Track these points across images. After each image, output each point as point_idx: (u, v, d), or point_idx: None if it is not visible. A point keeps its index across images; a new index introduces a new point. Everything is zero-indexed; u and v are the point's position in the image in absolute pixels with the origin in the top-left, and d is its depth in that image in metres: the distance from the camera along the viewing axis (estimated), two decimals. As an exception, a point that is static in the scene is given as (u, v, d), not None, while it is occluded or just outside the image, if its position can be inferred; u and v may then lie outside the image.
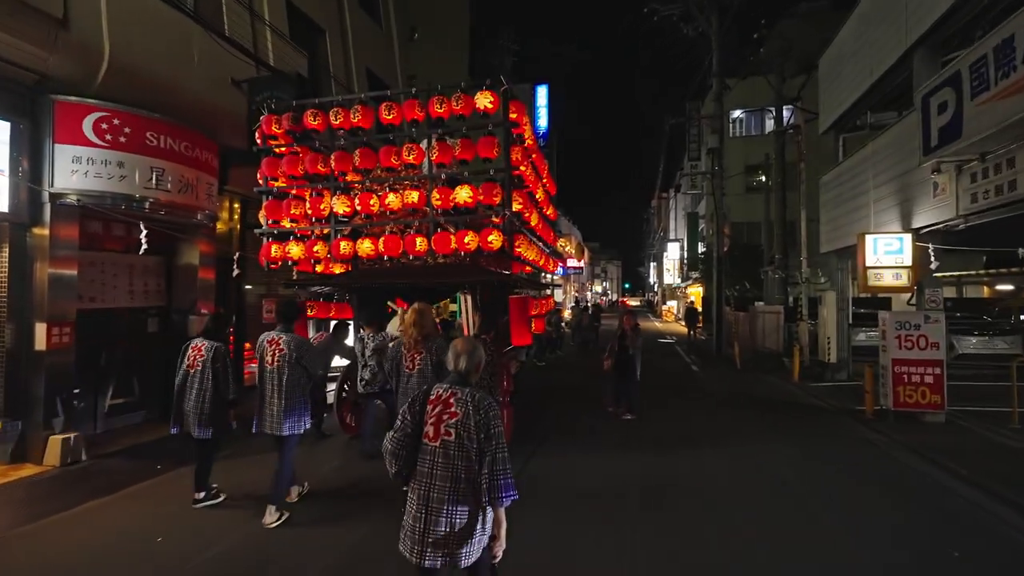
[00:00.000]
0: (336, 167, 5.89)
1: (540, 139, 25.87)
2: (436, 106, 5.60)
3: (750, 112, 25.34)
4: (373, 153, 5.83)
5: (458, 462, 2.05)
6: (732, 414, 7.76)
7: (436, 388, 2.19)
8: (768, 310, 13.93)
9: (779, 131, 13.30)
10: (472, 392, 2.14)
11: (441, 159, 5.64)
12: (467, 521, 2.04)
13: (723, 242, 15.10)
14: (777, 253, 13.68)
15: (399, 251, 5.67)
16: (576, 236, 42.49)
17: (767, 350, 13.42)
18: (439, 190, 5.57)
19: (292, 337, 3.96)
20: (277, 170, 6.05)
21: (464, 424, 2.06)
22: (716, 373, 11.93)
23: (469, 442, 2.04)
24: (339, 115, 5.91)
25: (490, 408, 2.09)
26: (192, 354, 4.06)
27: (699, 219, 28.11)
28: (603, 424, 7.04)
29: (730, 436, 6.50)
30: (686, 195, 32.72)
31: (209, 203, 6.36)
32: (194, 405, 3.96)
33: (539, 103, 25.15)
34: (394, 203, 5.76)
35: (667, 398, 8.82)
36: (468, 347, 2.26)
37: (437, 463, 2.06)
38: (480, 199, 5.46)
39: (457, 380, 2.20)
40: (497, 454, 2.04)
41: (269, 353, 3.88)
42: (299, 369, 3.90)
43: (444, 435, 2.07)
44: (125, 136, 5.39)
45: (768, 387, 10.22)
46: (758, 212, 24.33)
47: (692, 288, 30.60)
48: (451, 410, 2.09)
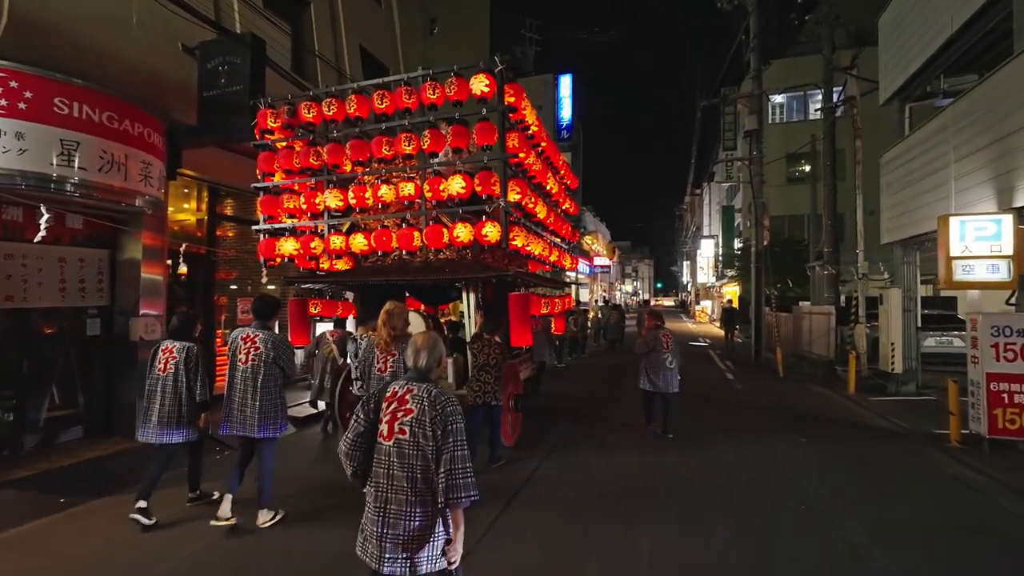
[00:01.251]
0: (328, 160, 5.60)
1: (563, 131, 24.80)
2: (429, 92, 5.20)
3: (791, 96, 23.39)
4: (366, 144, 5.49)
5: (414, 461, 1.97)
6: (780, 436, 6.40)
7: (392, 385, 2.11)
8: (816, 311, 12.29)
9: (829, 107, 11.64)
10: (430, 388, 2.05)
11: (434, 148, 5.26)
12: (426, 524, 1.96)
13: (762, 235, 13.47)
14: (826, 246, 12.02)
15: (391, 246, 5.35)
16: (604, 233, 41.00)
17: (814, 356, 11.82)
18: (431, 181, 5.13)
19: (269, 335, 3.79)
20: (273, 164, 5.86)
21: (419, 421, 1.98)
22: (756, 382, 10.47)
23: (424, 440, 1.96)
24: (332, 106, 5.60)
25: (448, 403, 2.01)
26: (163, 356, 3.88)
27: (735, 213, 26.23)
28: (618, 438, 6.13)
29: (781, 470, 5.25)
30: (721, 187, 30.79)
31: (149, 187, 5.43)
32: (170, 409, 3.78)
33: (562, 93, 24.12)
34: (387, 196, 5.39)
35: (698, 414, 7.45)
36: (428, 342, 2.16)
37: (392, 463, 1.99)
38: (477, 189, 4.97)
39: (416, 376, 2.11)
40: (456, 452, 1.94)
41: (243, 351, 3.72)
42: (275, 369, 3.76)
43: (398, 433, 2.00)
44: (25, 102, 4.48)
45: (819, 401, 8.74)
46: (801, 204, 22.38)
47: (727, 287, 28.68)
48: (406, 407, 2.02)
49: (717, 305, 33.50)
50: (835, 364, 10.48)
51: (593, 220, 36.81)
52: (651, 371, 6.13)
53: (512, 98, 5.14)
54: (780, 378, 10.88)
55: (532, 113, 5.77)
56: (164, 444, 3.81)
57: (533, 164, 5.88)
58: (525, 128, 5.62)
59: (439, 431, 1.95)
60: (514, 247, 5.21)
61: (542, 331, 8.20)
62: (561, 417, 7.44)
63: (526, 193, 5.51)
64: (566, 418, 7.41)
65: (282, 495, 4.09)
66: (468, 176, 5.02)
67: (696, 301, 40.49)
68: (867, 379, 9.39)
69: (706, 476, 5.06)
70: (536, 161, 6.01)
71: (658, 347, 6.14)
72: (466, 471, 1.94)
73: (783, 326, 13.88)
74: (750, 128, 13.39)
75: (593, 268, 33.13)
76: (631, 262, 75.20)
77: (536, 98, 25.73)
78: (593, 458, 5.56)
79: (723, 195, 31.50)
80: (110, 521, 3.86)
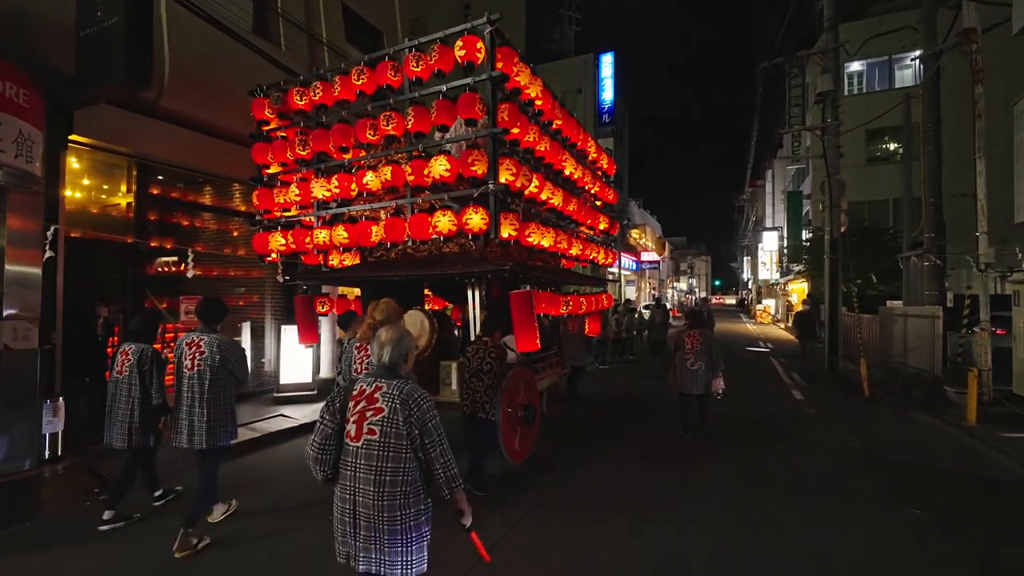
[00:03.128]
0: (314, 147, 5.27)
1: (604, 115, 22.73)
2: (412, 64, 4.69)
3: (872, 63, 20.24)
4: (350, 128, 5.09)
5: (383, 463, 1.90)
6: (879, 506, 4.26)
7: (360, 383, 2.02)
8: (914, 312, 9.77)
9: (933, 52, 9.11)
10: (401, 385, 1.97)
11: (419, 127, 4.71)
12: (396, 527, 1.89)
13: (839, 220, 11.01)
14: (927, 231, 9.50)
15: (369, 238, 5.05)
16: (654, 227, 38.26)
17: (910, 369, 9.37)
18: (414, 164, 4.68)
19: (215, 338, 3.62)
20: (267, 156, 5.66)
21: (391, 421, 1.91)
22: (833, 404, 8.18)
23: (397, 440, 1.91)
24: (318, 90, 5.29)
25: (422, 400, 1.95)
26: (120, 359, 3.84)
27: (803, 199, 23.09)
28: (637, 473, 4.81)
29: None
30: (786, 171, 27.56)
31: (9, 157, 4.22)
32: (124, 414, 3.75)
33: (603, 74, 22.31)
34: (372, 183, 4.92)
35: (754, 460, 5.41)
36: (392, 335, 2.06)
37: (359, 465, 1.92)
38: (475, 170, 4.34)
39: (383, 372, 2.03)
40: (441, 446, 1.95)
41: (188, 357, 3.58)
42: (224, 373, 3.60)
43: (367, 434, 1.92)
44: None
45: (928, 436, 6.47)
46: (883, 188, 19.25)
47: (794, 284, 25.53)
48: (375, 406, 1.94)
49: (781, 304, 30.18)
50: (943, 382, 8.05)
51: (640, 212, 34.29)
52: (676, 370, 6.09)
53: (502, 63, 4.50)
54: (865, 398, 8.58)
55: (537, 85, 5.01)
56: (130, 448, 3.77)
57: (537, 143, 5.07)
58: (529, 103, 5.01)
59: (416, 431, 1.90)
60: (510, 237, 4.50)
61: (576, 332, 7.66)
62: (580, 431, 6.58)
63: (521, 175, 4.65)
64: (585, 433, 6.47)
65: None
66: (453, 157, 4.44)
67: (757, 300, 36.98)
68: (993, 405, 7.00)
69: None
70: (543, 140, 5.20)
71: (681, 347, 6.07)
72: (452, 463, 1.98)
73: (867, 330, 11.35)
74: (824, 90, 10.94)
75: (640, 264, 30.70)
76: (686, 258, 71.92)
77: (575, 80, 23.93)
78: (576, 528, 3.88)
79: (788, 181, 28.22)
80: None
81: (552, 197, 5.43)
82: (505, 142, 4.67)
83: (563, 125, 5.89)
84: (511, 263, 4.61)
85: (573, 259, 6.59)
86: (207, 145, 6.64)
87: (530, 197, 5.11)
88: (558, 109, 5.70)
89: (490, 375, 4.44)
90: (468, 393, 4.50)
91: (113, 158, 5.98)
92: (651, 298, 34.36)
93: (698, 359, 5.92)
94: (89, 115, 5.17)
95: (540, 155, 5.24)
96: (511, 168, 4.50)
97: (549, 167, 5.59)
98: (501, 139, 4.55)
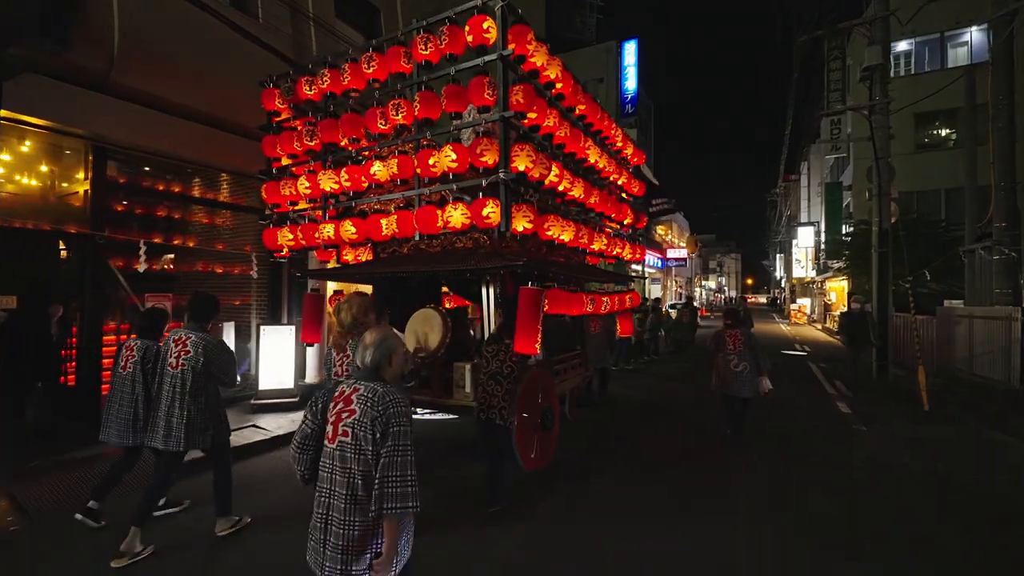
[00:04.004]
0: (323, 138, 5.08)
1: (627, 104, 21.64)
2: (420, 47, 4.42)
3: (922, 41, 18.65)
4: (359, 118, 4.85)
5: (354, 466, 1.86)
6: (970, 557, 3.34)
7: (342, 385, 2.01)
8: (982, 314, 8.55)
9: (1003, 15, 7.89)
10: (376, 387, 1.93)
11: (426, 113, 4.45)
12: (364, 534, 1.84)
13: (889, 209, 9.79)
14: (997, 220, 8.28)
15: (379, 232, 4.79)
16: (681, 223, 36.90)
17: (978, 378, 8.19)
18: (421, 155, 4.39)
19: (202, 338, 3.47)
20: (276, 148, 5.52)
21: (360, 423, 1.87)
22: (887, 418, 7.02)
23: (366, 443, 1.85)
24: (326, 78, 5.07)
25: (392, 404, 1.89)
26: (125, 354, 3.74)
27: (842, 191, 21.52)
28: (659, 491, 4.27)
29: None
30: (823, 162, 25.90)
31: None
32: (128, 411, 3.62)
33: (626, 62, 21.35)
34: (381, 174, 4.66)
35: (791, 481, 4.66)
36: (375, 338, 2.03)
37: (335, 467, 1.89)
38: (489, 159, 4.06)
39: (365, 375, 1.99)
40: (395, 457, 1.83)
41: (173, 355, 3.44)
42: (206, 377, 3.45)
43: (341, 435, 1.90)
44: None
45: (1007, 460, 5.40)
46: (933, 177, 17.71)
47: (832, 282, 23.95)
48: (350, 407, 1.91)
49: (817, 303, 28.46)
50: (1021, 395, 6.87)
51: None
52: (719, 372, 5.90)
53: (513, 44, 4.16)
54: (925, 412, 7.41)
55: (555, 66, 4.63)
56: (126, 446, 3.68)
57: (557, 129, 4.71)
58: (548, 86, 4.69)
59: (378, 433, 1.85)
60: (525, 231, 4.17)
61: (603, 333, 7.35)
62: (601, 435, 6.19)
63: (540, 164, 4.29)
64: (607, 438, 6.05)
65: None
66: (462, 146, 4.13)
67: (791, 299, 35.17)
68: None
69: None
70: (563, 126, 4.81)
71: (722, 347, 5.89)
72: (405, 479, 1.82)
73: (924, 333, 10.09)
74: (871, 63, 9.74)
75: (666, 261, 29.45)
76: (715, 256, 69.89)
77: (596, 70, 22.91)
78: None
79: (826, 172, 26.54)
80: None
81: (572, 188, 5.05)
82: (519, 127, 4.37)
83: (587, 111, 5.48)
84: (524, 259, 4.26)
85: (597, 255, 6.26)
86: (180, 129, 6.10)
87: (549, 187, 4.72)
88: (580, 94, 5.27)
89: (509, 380, 4.14)
90: (484, 397, 4.18)
91: (64, 140, 5.31)
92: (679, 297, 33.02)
93: (742, 360, 5.72)
94: (23, 88, 4.56)
95: (560, 142, 4.88)
96: (529, 155, 4.12)
97: (571, 156, 5.22)
98: (514, 124, 4.26)
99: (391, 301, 5.27)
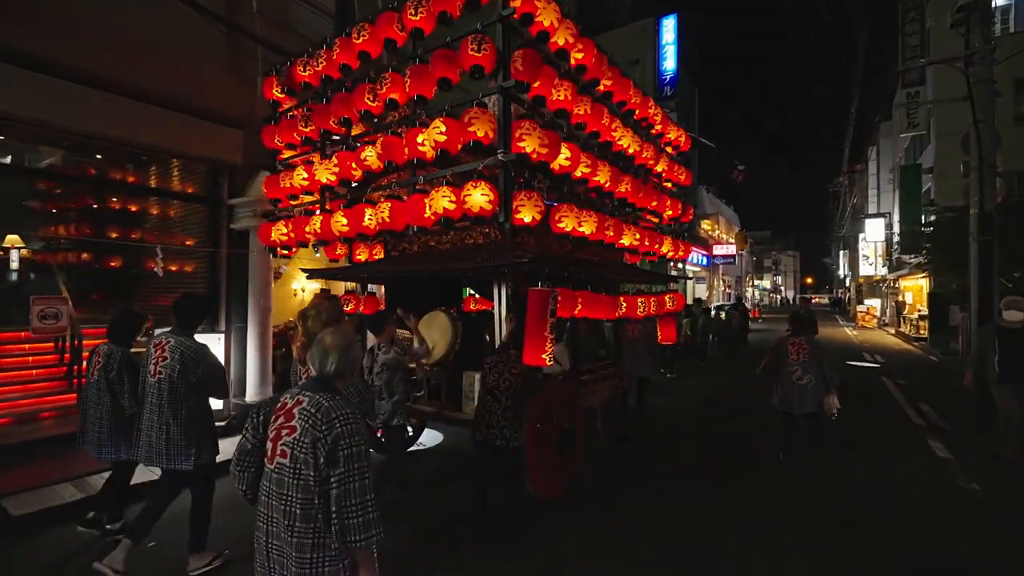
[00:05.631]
0: (316, 124, 4.76)
1: (666, 86, 20.07)
2: (410, 13, 3.87)
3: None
4: (351, 96, 4.41)
5: (292, 492, 1.64)
6: None
7: (286, 395, 1.80)
8: None
9: None
10: (322, 400, 1.70)
11: (418, 90, 3.86)
12: (305, 572, 1.63)
13: (994, 187, 7.99)
14: None
15: (362, 223, 4.33)
16: (730, 217, 34.58)
17: None
18: (409, 134, 3.88)
19: (181, 343, 3.19)
20: (275, 139, 5.25)
21: (300, 443, 1.65)
22: (1005, 474, 4.85)
23: (306, 468, 1.63)
24: (321, 59, 4.68)
25: (339, 420, 1.65)
26: (93, 360, 3.58)
27: (921, 174, 18.98)
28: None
29: None
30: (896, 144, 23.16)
31: None
32: (94, 422, 3.49)
33: (665, 40, 19.89)
34: (371, 160, 4.26)
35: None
36: (339, 341, 1.82)
37: (272, 490, 1.70)
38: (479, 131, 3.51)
39: (314, 385, 1.77)
40: (349, 483, 1.61)
41: (153, 361, 3.19)
42: (186, 386, 3.14)
43: (279, 456, 1.69)
44: None
45: None
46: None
47: (908, 280, 21.33)
48: (291, 424, 1.69)
49: (888, 304, 25.62)
50: None
51: (713, 201, 30.90)
52: (779, 385, 5.33)
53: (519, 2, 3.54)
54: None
55: (567, 30, 3.95)
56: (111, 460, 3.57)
57: (573, 104, 4.09)
58: (563, 56, 4.10)
59: (322, 458, 1.61)
60: (534, 222, 3.70)
61: (642, 338, 6.83)
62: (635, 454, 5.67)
63: (547, 143, 3.70)
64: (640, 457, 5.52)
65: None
66: (452, 119, 3.64)
67: (858, 299, 32.07)
68: None
69: None
70: (579, 102, 4.17)
71: (783, 357, 5.31)
72: (366, 507, 1.63)
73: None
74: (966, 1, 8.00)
75: (712, 259, 27.39)
76: (771, 254, 66.10)
77: (632, 51, 21.39)
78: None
79: (899, 156, 23.78)
80: None
81: (596, 173, 4.42)
82: (524, 100, 3.81)
83: (614, 86, 4.76)
84: (529, 256, 3.78)
85: (632, 251, 5.64)
86: (103, 105, 5.28)
87: (562, 172, 4.14)
88: (606, 66, 4.57)
89: (509, 394, 3.78)
90: (481, 414, 3.88)
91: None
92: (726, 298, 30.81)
93: (806, 372, 5.18)
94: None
95: (580, 121, 4.24)
96: (535, 133, 3.57)
97: (594, 137, 4.59)
98: (517, 97, 3.74)
99: (405, 303, 4.98)
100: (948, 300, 13.90)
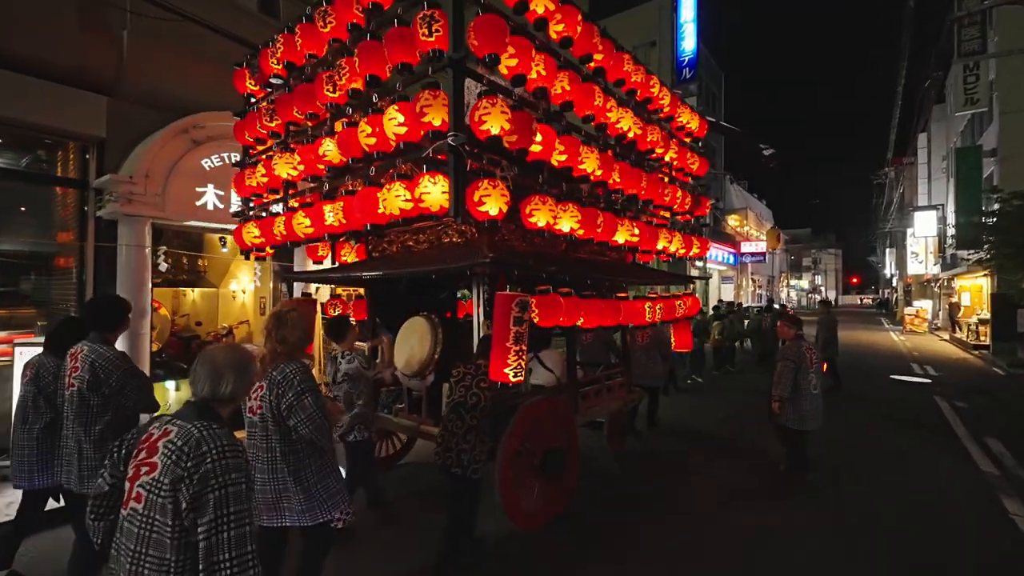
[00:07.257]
0: (280, 116, 4.37)
1: (685, 68, 18.87)
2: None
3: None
4: (312, 87, 3.99)
5: (142, 547, 1.34)
6: None
7: (154, 424, 1.50)
8: None
9: None
10: (192, 429, 1.40)
11: (370, 69, 3.43)
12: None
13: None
14: None
15: (324, 223, 4.00)
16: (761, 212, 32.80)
17: None
18: (367, 121, 3.46)
19: (95, 349, 2.80)
20: (244, 135, 4.95)
21: (157, 484, 1.35)
22: None
23: (163, 515, 1.32)
24: (280, 45, 4.24)
25: (212, 454, 1.36)
26: (25, 374, 3.18)
27: (982, 157, 17.10)
28: None
29: None
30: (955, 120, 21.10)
31: None
32: (24, 444, 3.06)
33: (683, 18, 18.81)
34: (331, 155, 3.87)
35: None
36: (236, 359, 1.56)
37: (121, 544, 1.41)
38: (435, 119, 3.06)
39: (188, 412, 1.48)
40: (220, 534, 1.31)
41: (67, 372, 2.84)
42: (98, 400, 2.77)
43: (133, 500, 1.39)
44: None
45: None
46: None
47: (965, 279, 19.44)
48: (152, 459, 1.39)
49: (941, 306, 23.56)
50: None
51: (742, 195, 29.25)
52: (796, 400, 4.53)
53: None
54: None
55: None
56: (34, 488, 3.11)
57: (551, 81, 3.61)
58: (543, 25, 3.54)
59: (184, 502, 1.31)
60: (500, 215, 3.13)
61: (652, 345, 6.41)
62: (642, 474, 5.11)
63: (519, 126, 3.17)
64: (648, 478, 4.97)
65: None
66: (406, 102, 3.22)
67: (905, 301, 29.82)
68: None
69: None
70: (556, 77, 3.67)
71: (801, 365, 4.56)
72: (244, 561, 1.33)
73: None
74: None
75: (740, 256, 25.81)
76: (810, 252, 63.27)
77: (647, 31, 20.25)
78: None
79: (955, 138, 21.75)
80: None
81: (584, 161, 3.89)
82: (475, 74, 3.34)
83: (606, 61, 4.19)
84: (490, 256, 3.36)
85: (646, 251, 5.20)
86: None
87: (536, 160, 3.62)
88: (597, 38, 4.04)
89: (473, 412, 3.30)
90: (443, 435, 3.38)
91: None
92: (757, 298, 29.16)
93: (818, 378, 4.71)
94: None
95: (565, 99, 3.80)
96: (496, 112, 3.07)
97: (587, 121, 4.18)
98: (470, 70, 3.28)
99: (385, 310, 4.78)
100: (1016, 302, 12.38)
